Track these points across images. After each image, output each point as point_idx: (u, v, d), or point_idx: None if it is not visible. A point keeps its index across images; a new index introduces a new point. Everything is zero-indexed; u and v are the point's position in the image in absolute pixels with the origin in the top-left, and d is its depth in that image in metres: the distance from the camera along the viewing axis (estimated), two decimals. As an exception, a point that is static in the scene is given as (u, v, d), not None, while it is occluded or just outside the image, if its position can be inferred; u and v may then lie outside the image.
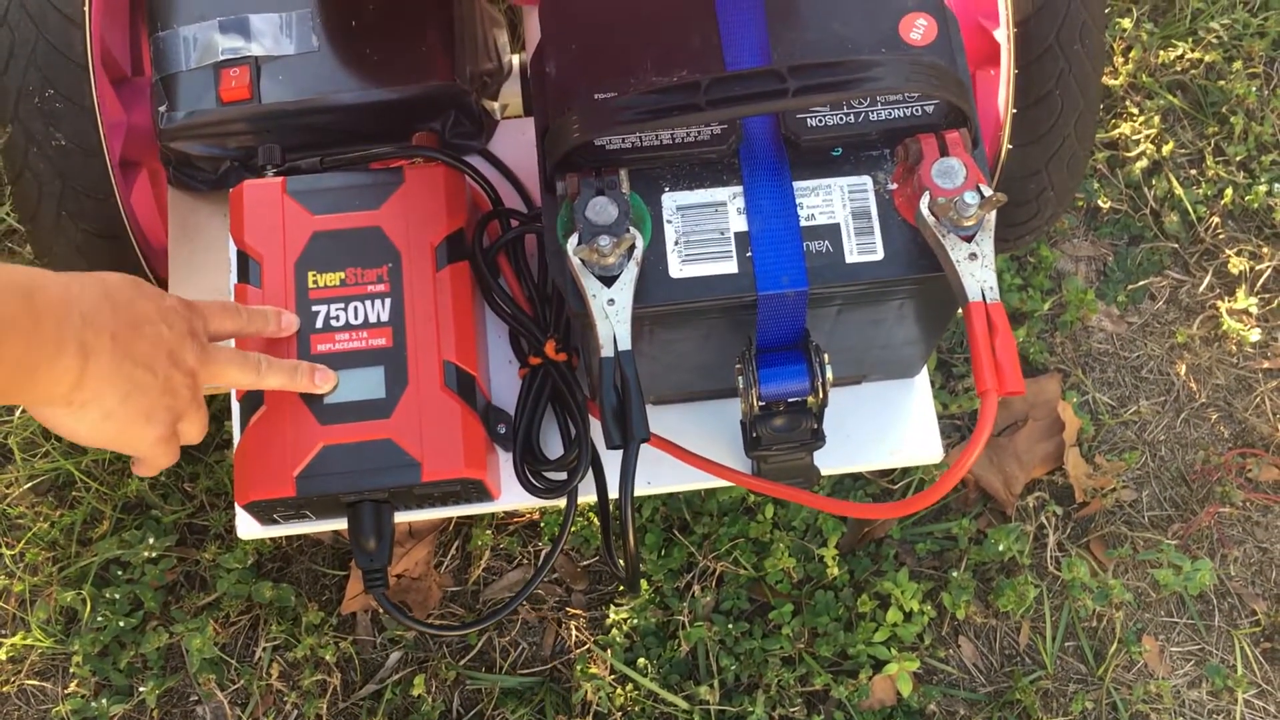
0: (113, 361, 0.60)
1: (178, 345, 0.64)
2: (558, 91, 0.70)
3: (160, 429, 0.64)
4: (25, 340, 0.55)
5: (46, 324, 0.56)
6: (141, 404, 0.62)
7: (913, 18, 0.70)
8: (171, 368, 0.63)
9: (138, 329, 0.61)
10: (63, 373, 0.58)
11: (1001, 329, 0.62)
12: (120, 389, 0.61)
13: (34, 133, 0.79)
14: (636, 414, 0.64)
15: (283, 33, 0.85)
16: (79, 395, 0.59)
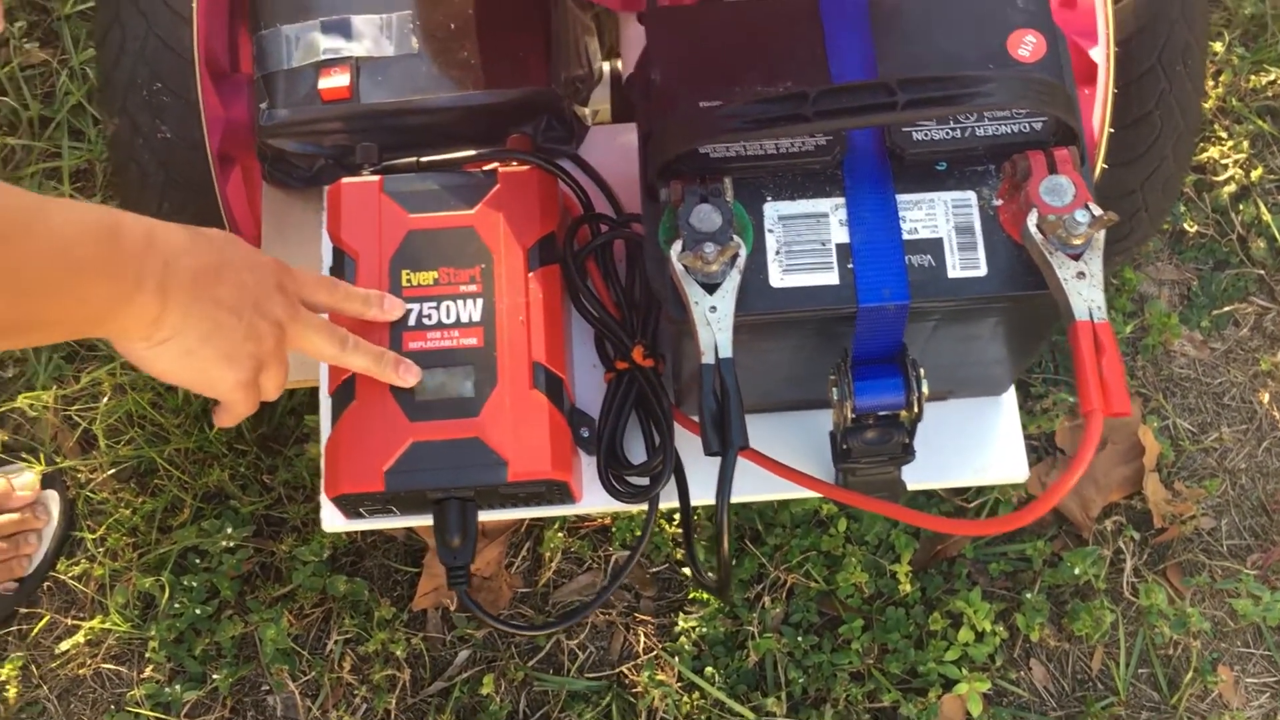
0: (192, 301, 0.62)
1: (264, 296, 0.66)
2: (662, 99, 0.70)
3: (241, 374, 0.65)
4: (106, 279, 0.58)
5: (128, 264, 0.59)
6: (223, 345, 0.64)
7: (1021, 34, 0.70)
8: (256, 315, 0.65)
9: (221, 273, 0.63)
10: (141, 310, 0.60)
11: (1109, 348, 0.62)
12: (200, 328, 0.62)
13: (140, 125, 0.80)
14: (736, 421, 0.64)
15: (383, 34, 0.86)
16: (158, 332, 0.61)
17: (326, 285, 0.73)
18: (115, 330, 0.60)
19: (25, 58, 1.12)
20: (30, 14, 1.14)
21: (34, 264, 0.54)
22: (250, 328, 0.65)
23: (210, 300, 0.62)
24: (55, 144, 1.10)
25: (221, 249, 0.64)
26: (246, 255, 0.66)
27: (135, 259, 0.59)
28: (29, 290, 0.54)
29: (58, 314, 0.58)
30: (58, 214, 0.56)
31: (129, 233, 0.59)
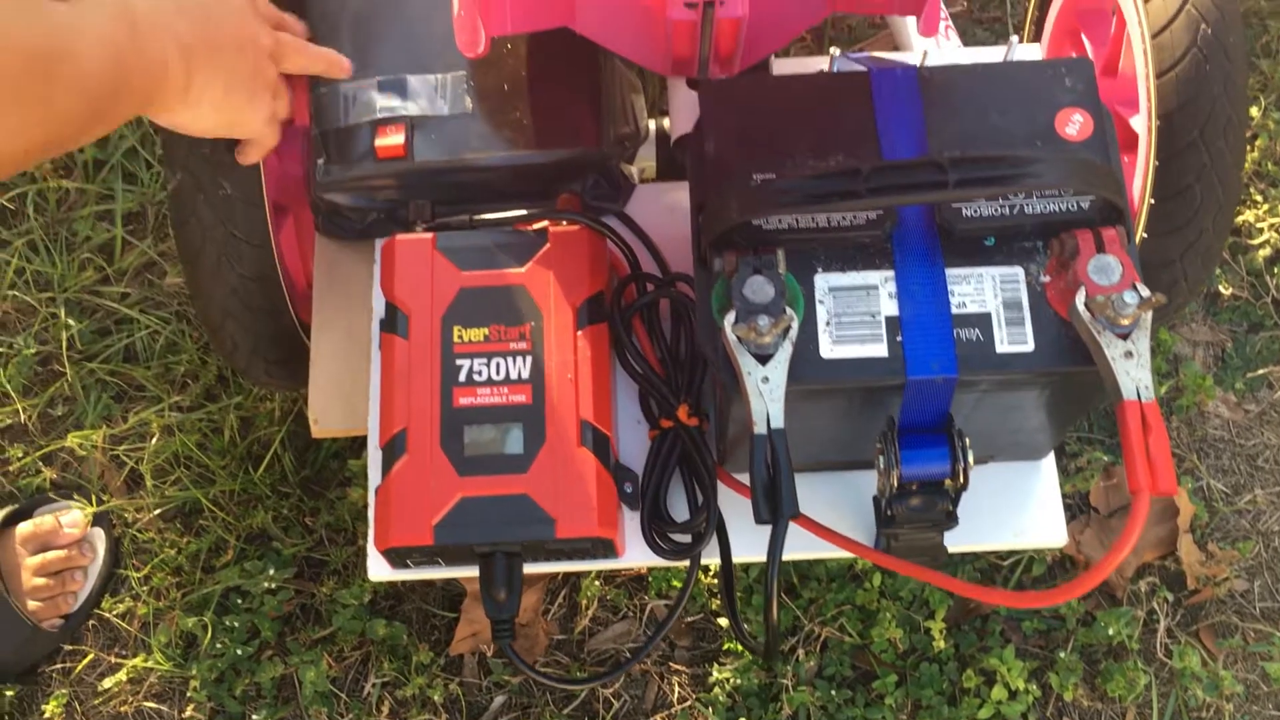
0: (208, 58, 0.70)
1: (252, 29, 0.74)
2: (715, 169, 0.72)
3: (264, 108, 0.75)
4: (143, 70, 0.65)
5: (153, 50, 0.66)
6: (242, 88, 0.73)
7: (1069, 112, 0.72)
8: (255, 51, 0.73)
9: (218, 25, 0.71)
10: (175, 80, 0.68)
11: (1155, 428, 0.63)
12: (221, 79, 0.71)
13: (202, 182, 0.82)
14: (787, 491, 0.65)
15: (438, 94, 0.88)
16: (191, 94, 0.69)
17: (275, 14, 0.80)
18: (160, 104, 0.68)
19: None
20: (87, 59, 1.17)
21: (94, 67, 0.60)
22: (255, 64, 0.73)
23: (219, 52, 0.70)
24: (108, 187, 1.13)
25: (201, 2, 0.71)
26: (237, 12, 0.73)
27: (153, 33, 0.66)
28: (95, 92, 0.61)
29: (116, 111, 0.65)
30: (89, 13, 0.61)
31: (141, 21, 0.65)
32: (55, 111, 0.59)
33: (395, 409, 0.81)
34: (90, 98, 0.61)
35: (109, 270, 1.10)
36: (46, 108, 0.59)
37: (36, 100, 0.58)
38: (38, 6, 0.58)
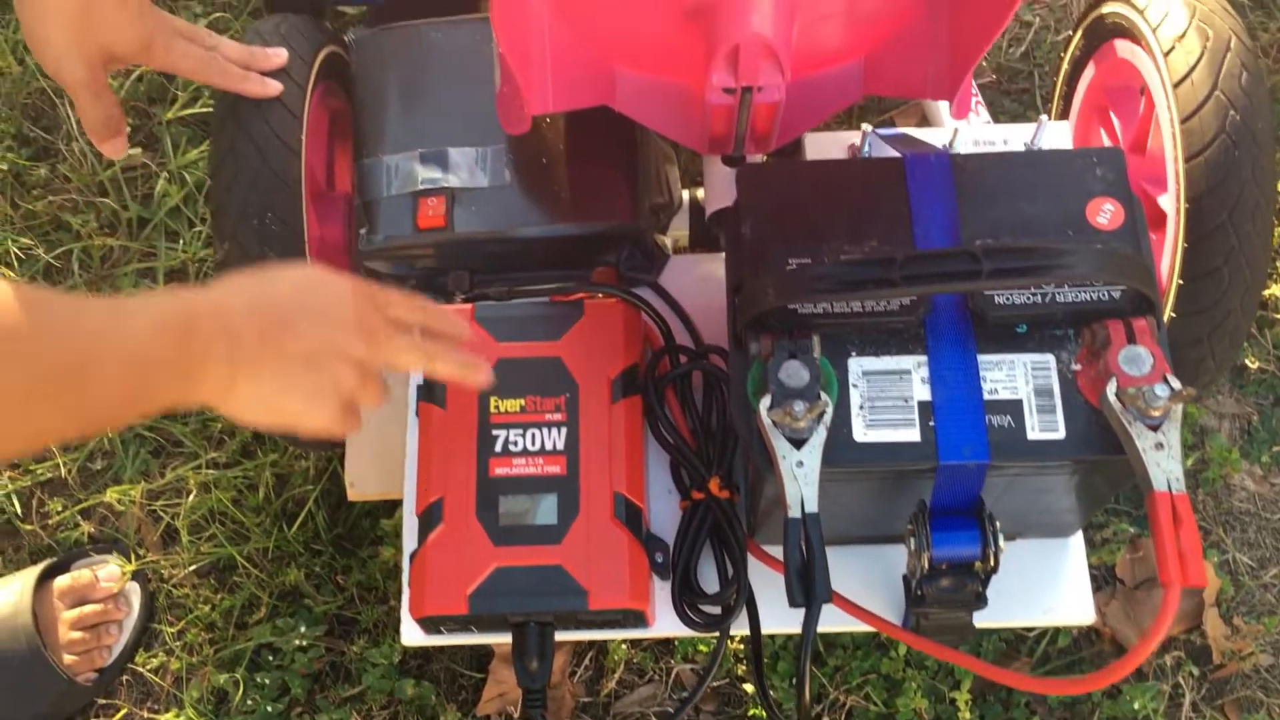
0: (262, 364, 0.64)
1: (339, 337, 0.67)
2: (752, 252, 0.74)
3: (327, 412, 0.68)
4: (177, 374, 0.61)
5: (196, 352, 0.61)
6: (300, 394, 0.66)
7: (1100, 202, 0.73)
8: (332, 358, 0.67)
9: (290, 325, 0.65)
10: (212, 387, 0.63)
11: (1186, 520, 0.64)
12: (274, 383, 0.65)
13: (249, 252, 0.84)
14: (820, 576, 0.66)
15: (478, 166, 0.91)
16: (234, 397, 0.64)
17: (411, 305, 0.74)
18: (188, 405, 0.64)
19: (127, 160, 1.18)
20: (133, 118, 1.20)
21: (104, 387, 0.57)
22: (326, 372, 0.67)
23: (280, 356, 0.65)
24: (151, 244, 1.15)
25: (292, 299, 0.66)
26: (320, 298, 0.68)
27: (204, 344, 0.61)
28: (97, 409, 0.58)
29: (126, 416, 0.63)
30: (133, 325, 0.59)
31: (201, 325, 0.61)
32: (84, 407, 0.57)
33: (432, 477, 0.82)
34: (113, 403, 0.59)
35: (150, 327, 1.12)
36: (77, 405, 0.57)
37: (58, 404, 0.56)
38: (76, 315, 0.56)
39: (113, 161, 1.17)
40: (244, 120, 0.86)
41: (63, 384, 0.55)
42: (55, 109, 1.21)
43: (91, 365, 0.57)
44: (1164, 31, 0.89)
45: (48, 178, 1.18)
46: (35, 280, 1.14)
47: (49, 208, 1.16)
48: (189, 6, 1.24)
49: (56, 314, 0.56)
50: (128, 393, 0.59)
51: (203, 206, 1.16)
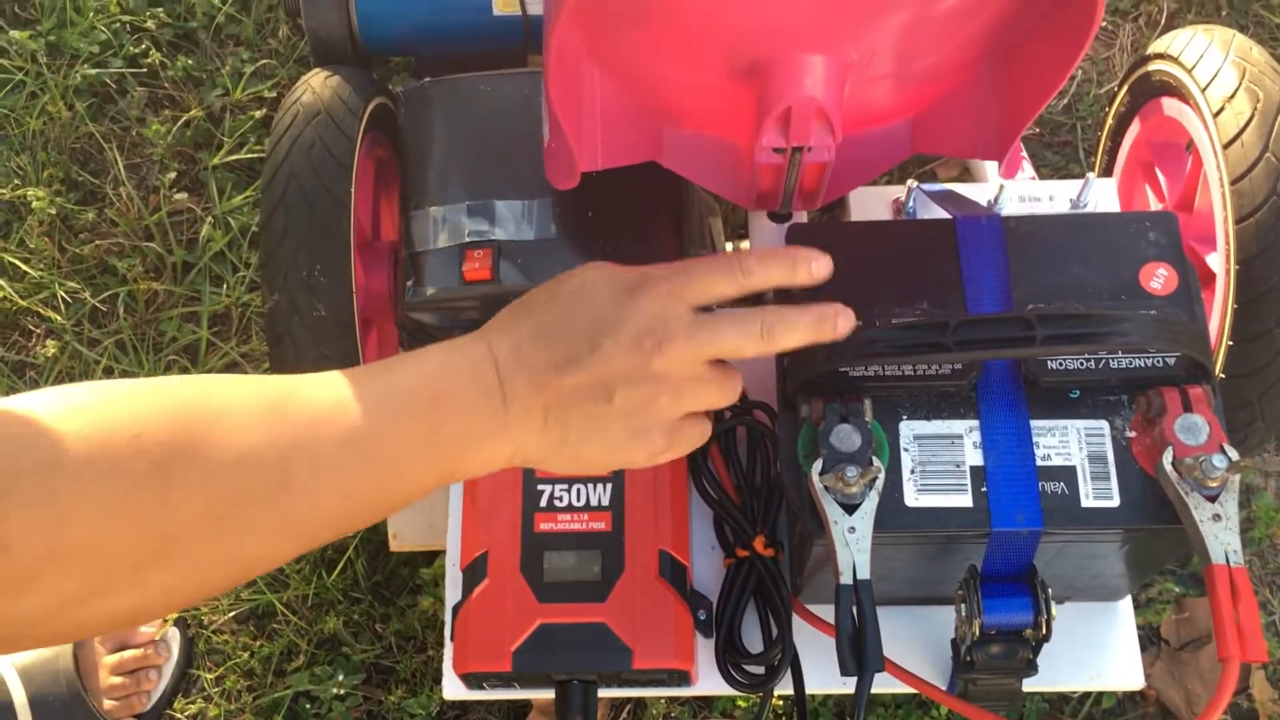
0: (550, 416, 0.54)
1: (630, 362, 0.54)
2: (801, 313, 0.73)
3: (649, 447, 0.57)
4: (433, 454, 0.52)
5: (457, 425, 0.52)
6: (608, 438, 0.55)
7: (1154, 267, 0.73)
8: (626, 387, 0.54)
9: (574, 362, 0.54)
10: (493, 454, 0.54)
11: (1245, 594, 0.63)
12: (573, 439, 0.55)
13: (298, 303, 0.85)
14: (872, 644, 0.65)
15: (524, 219, 0.91)
16: (532, 457, 0.55)
17: (722, 271, 0.59)
18: (474, 475, 0.55)
19: (172, 205, 1.19)
20: (179, 163, 1.21)
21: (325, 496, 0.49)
22: (631, 404, 0.55)
23: (565, 401, 0.54)
24: (195, 289, 1.16)
25: (562, 328, 0.55)
26: (594, 311, 0.55)
27: (465, 413, 0.52)
28: (330, 516, 0.50)
29: (383, 509, 0.53)
30: (368, 410, 0.49)
31: (456, 386, 0.52)
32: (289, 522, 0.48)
33: (477, 532, 0.82)
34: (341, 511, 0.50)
35: (194, 371, 1.13)
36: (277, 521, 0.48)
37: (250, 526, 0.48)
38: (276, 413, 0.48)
39: (159, 206, 1.18)
40: (294, 173, 0.87)
41: (259, 504, 0.47)
42: (103, 153, 1.22)
43: (300, 469, 0.48)
44: (1213, 92, 0.88)
45: (95, 222, 1.20)
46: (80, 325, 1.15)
47: (96, 251, 1.18)
48: (236, 53, 1.26)
49: (249, 416, 0.47)
50: (361, 493, 0.50)
51: (247, 251, 1.17)
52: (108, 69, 1.25)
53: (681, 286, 0.57)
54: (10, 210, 1.20)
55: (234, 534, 0.47)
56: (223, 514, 0.46)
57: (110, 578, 0.44)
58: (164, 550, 0.45)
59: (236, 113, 1.23)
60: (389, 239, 1.01)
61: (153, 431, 0.44)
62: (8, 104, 1.23)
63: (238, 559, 0.48)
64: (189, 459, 0.45)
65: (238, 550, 0.48)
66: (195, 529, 0.46)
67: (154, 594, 0.46)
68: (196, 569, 0.47)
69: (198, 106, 1.23)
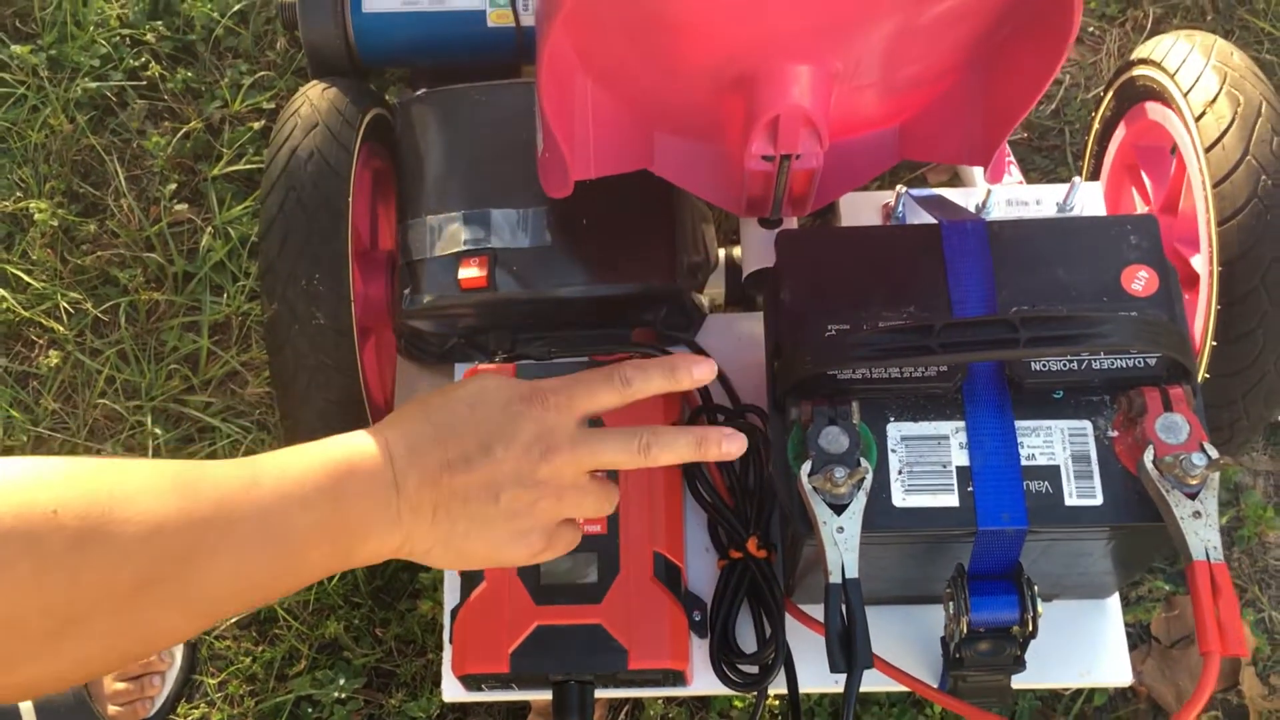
0: (435, 511, 0.57)
1: (518, 466, 0.58)
2: (791, 318, 0.75)
3: (528, 547, 0.61)
4: (335, 536, 0.55)
5: (357, 509, 0.55)
6: (491, 537, 0.59)
7: (1135, 269, 0.74)
8: (512, 490, 0.58)
9: (468, 462, 0.57)
10: (385, 542, 0.56)
11: (1225, 590, 0.64)
12: (458, 535, 0.58)
13: (298, 312, 0.86)
14: (861, 641, 0.67)
15: (519, 227, 0.92)
16: (419, 549, 0.58)
17: (604, 384, 0.63)
18: (365, 564, 0.56)
19: (173, 216, 1.20)
20: (180, 174, 1.23)
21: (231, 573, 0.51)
22: (516, 505, 0.59)
23: (453, 500, 0.57)
24: (196, 299, 1.18)
25: (458, 430, 0.58)
26: (486, 419, 0.59)
27: (364, 499, 0.55)
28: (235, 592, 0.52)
29: (282, 588, 0.54)
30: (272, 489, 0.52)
31: (357, 470, 0.55)
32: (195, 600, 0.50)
33: (474, 535, 0.83)
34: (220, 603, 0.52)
35: (194, 380, 1.15)
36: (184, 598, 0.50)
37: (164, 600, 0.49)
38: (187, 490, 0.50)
39: (159, 217, 1.20)
40: (293, 183, 0.88)
41: (166, 580, 0.49)
42: (104, 165, 1.24)
43: (207, 547, 0.50)
44: (1195, 96, 0.90)
45: (96, 233, 1.21)
46: (83, 336, 1.16)
47: (97, 262, 1.19)
48: (235, 65, 1.28)
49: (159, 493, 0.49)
50: (263, 572, 0.52)
51: (246, 261, 1.18)
52: (108, 82, 1.27)
53: (569, 399, 0.61)
54: (13, 222, 1.22)
55: (144, 609, 0.49)
56: (133, 590, 0.48)
57: (24, 649, 0.46)
58: (75, 623, 0.47)
59: (235, 124, 1.25)
60: (386, 248, 1.02)
61: (70, 508, 0.46)
62: (10, 118, 1.25)
63: (146, 633, 0.50)
64: (102, 536, 0.47)
65: (148, 625, 0.50)
66: (108, 604, 0.48)
67: (65, 664, 0.48)
68: (107, 640, 0.49)
69: (197, 118, 1.25)
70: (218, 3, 1.30)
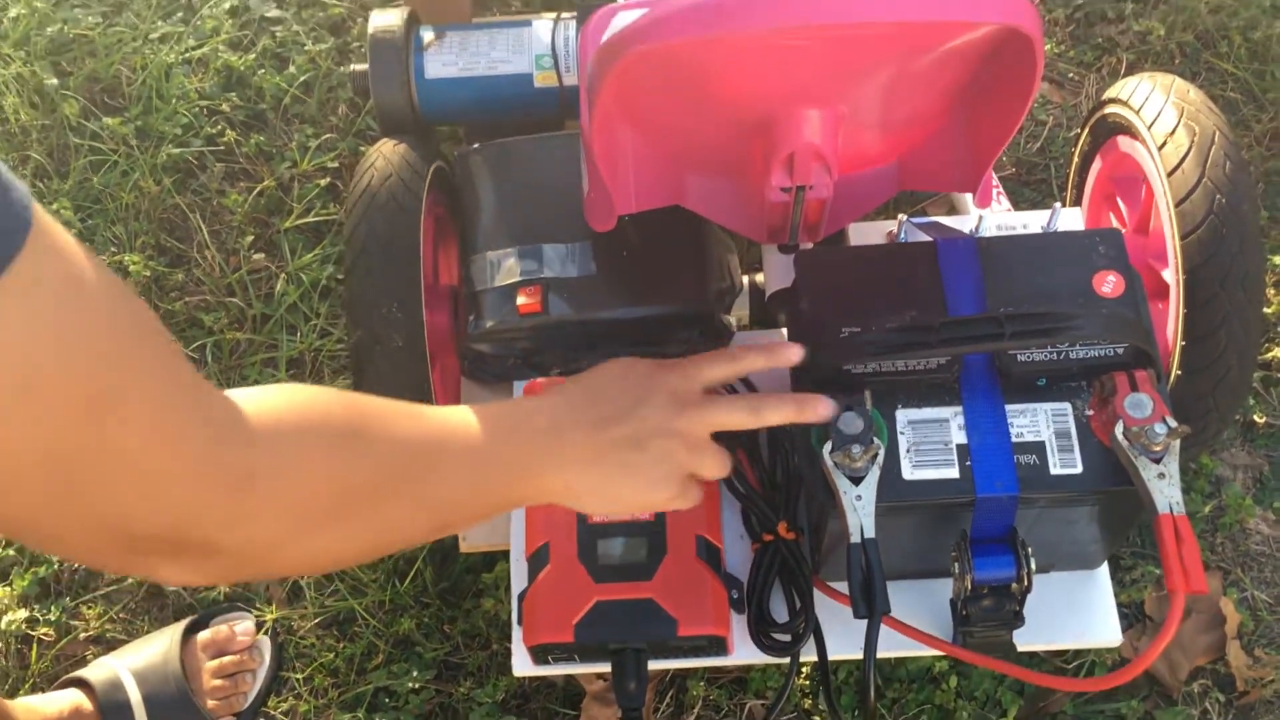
0: (592, 460, 0.69)
1: (662, 418, 0.71)
2: (810, 324, 0.87)
3: (667, 490, 0.73)
4: (511, 473, 0.68)
5: (527, 453, 0.68)
6: (640, 479, 0.71)
7: (1104, 274, 0.86)
8: (660, 439, 0.71)
9: (616, 418, 0.70)
10: (551, 482, 0.69)
11: (1187, 538, 0.75)
12: (612, 474, 0.70)
13: (379, 336, 0.99)
14: (879, 591, 0.78)
15: (568, 259, 1.05)
16: (575, 492, 0.70)
17: (722, 360, 0.78)
18: (535, 502, 0.71)
19: (251, 265, 1.34)
20: (255, 228, 1.37)
21: (446, 484, 0.64)
22: (659, 452, 0.71)
23: (612, 447, 0.70)
24: (273, 337, 1.31)
25: (609, 392, 0.72)
26: (637, 384, 0.73)
27: (533, 445, 0.68)
28: (444, 506, 0.65)
29: (472, 513, 0.69)
30: (465, 430, 0.65)
31: (526, 423, 0.68)
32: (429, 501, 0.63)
33: (539, 526, 0.95)
34: (457, 499, 0.65)
35: (273, 409, 1.27)
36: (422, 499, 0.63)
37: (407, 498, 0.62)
38: (415, 417, 0.63)
39: (239, 266, 1.34)
40: (372, 226, 1.01)
41: (409, 480, 0.61)
42: (187, 222, 1.38)
43: (435, 460, 0.63)
44: (1157, 128, 1.03)
45: (183, 282, 1.35)
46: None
47: (185, 308, 1.33)
48: (302, 130, 1.42)
49: (398, 415, 0.62)
50: (469, 489, 0.65)
51: (317, 302, 1.32)
52: (189, 148, 1.41)
53: (696, 370, 0.76)
54: (107, 274, 1.35)
55: (395, 499, 0.62)
56: (387, 480, 0.61)
57: (311, 521, 0.57)
58: (349, 504, 0.59)
59: (304, 182, 1.39)
60: (446, 283, 1.15)
61: (338, 413, 0.60)
62: (104, 181, 1.39)
63: (395, 523, 0.63)
64: (364, 437, 0.60)
65: (397, 517, 0.63)
66: (372, 491, 0.60)
67: (337, 541, 0.59)
68: (371, 524, 0.61)
69: (270, 178, 1.39)
70: (285, 75, 1.44)
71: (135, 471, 0.48)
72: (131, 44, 1.48)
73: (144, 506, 0.49)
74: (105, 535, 0.49)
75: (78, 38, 1.49)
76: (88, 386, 0.44)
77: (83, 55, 1.48)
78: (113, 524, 0.49)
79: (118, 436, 0.46)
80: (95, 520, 0.48)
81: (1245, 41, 1.42)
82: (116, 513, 0.48)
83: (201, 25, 1.49)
